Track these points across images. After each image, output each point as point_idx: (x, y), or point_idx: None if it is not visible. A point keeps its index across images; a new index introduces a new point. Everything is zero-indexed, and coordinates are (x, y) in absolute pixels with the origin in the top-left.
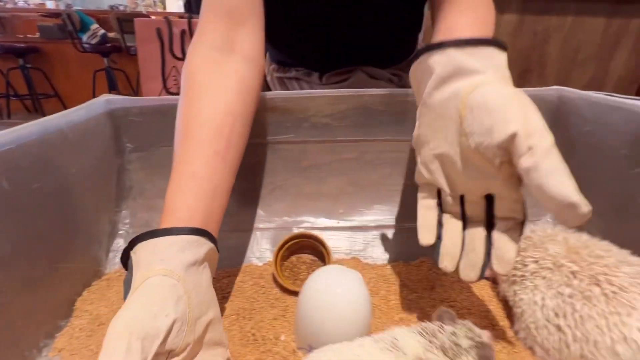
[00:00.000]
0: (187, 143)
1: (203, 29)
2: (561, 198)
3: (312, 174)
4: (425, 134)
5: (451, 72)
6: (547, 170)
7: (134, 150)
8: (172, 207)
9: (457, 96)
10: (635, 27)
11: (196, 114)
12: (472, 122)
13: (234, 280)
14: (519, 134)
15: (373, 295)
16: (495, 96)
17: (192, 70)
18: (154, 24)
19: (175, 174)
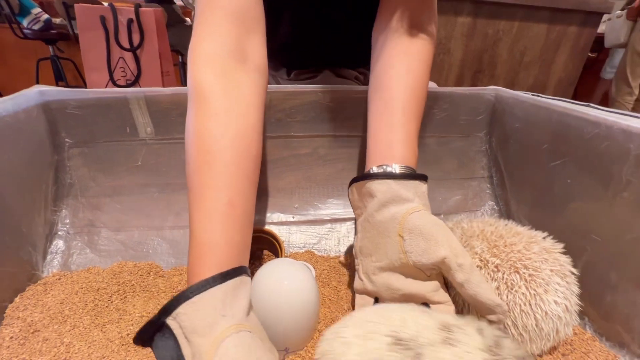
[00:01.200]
0: (212, 167)
1: (211, 31)
2: (491, 302)
3: (267, 170)
4: (368, 247)
5: (389, 199)
6: (476, 281)
7: (74, 145)
8: (211, 242)
9: (395, 219)
10: (572, 33)
11: (219, 134)
12: (410, 244)
13: (185, 279)
14: (449, 257)
15: (324, 286)
16: (424, 223)
17: (205, 80)
18: (98, 10)
19: (203, 202)
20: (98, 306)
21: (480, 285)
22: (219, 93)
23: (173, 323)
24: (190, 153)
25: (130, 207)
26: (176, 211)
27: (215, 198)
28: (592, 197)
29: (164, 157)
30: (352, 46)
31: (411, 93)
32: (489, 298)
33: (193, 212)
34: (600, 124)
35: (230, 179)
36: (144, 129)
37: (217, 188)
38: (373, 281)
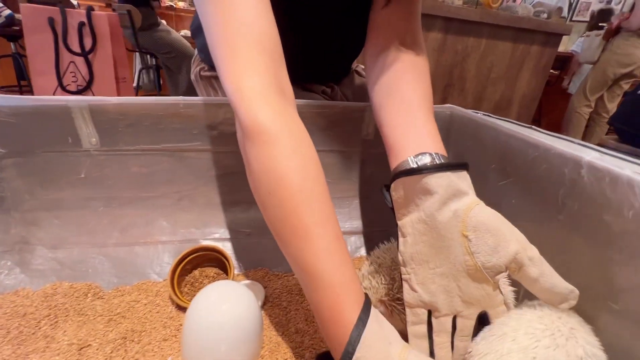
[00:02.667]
0: (310, 205)
1: (251, 67)
2: (566, 290)
3: (222, 184)
4: (425, 252)
5: (451, 195)
6: (550, 273)
7: (7, 155)
8: (342, 282)
9: (457, 217)
10: (535, 52)
11: (302, 170)
12: (476, 243)
13: (126, 300)
14: (520, 252)
15: (274, 307)
16: (488, 218)
17: (267, 118)
18: (46, 12)
19: (316, 242)
20: (22, 333)
21: (554, 276)
22: (285, 132)
23: (360, 355)
24: (275, 194)
25: (70, 222)
26: (122, 227)
27: (325, 235)
28: (533, 217)
29: (110, 169)
30: (322, 63)
31: (425, 96)
32: (565, 287)
33: (306, 254)
34: (540, 147)
35: (327, 213)
36: (88, 140)
37: (323, 225)
38: (432, 291)
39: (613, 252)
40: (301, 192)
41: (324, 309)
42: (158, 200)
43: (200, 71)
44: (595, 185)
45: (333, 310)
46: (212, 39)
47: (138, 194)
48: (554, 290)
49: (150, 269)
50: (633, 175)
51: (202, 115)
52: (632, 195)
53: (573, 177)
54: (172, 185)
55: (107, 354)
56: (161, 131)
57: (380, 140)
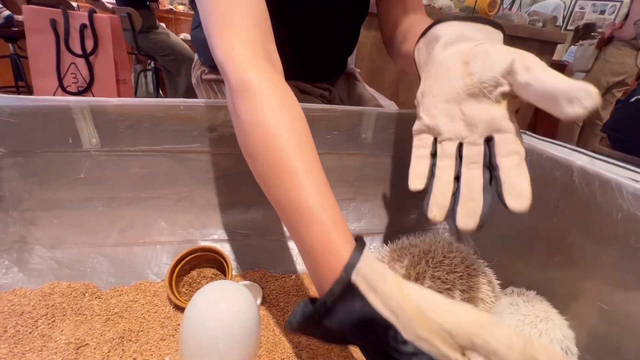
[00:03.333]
0: (300, 151)
1: (241, 37)
2: (568, 87)
3: (220, 185)
4: (430, 85)
5: (457, 37)
6: (546, 75)
7: (7, 155)
8: (335, 218)
9: (460, 52)
10: None
11: (294, 123)
12: (475, 64)
13: (124, 300)
14: (517, 60)
15: (272, 307)
16: (495, 48)
17: (253, 78)
18: (48, 13)
19: (308, 184)
20: (19, 332)
21: (552, 75)
22: (272, 89)
23: (358, 279)
24: (264, 143)
25: (69, 222)
26: (120, 227)
27: (314, 180)
28: (527, 221)
29: (110, 170)
30: (321, 59)
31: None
32: (567, 83)
33: (295, 193)
34: (533, 152)
35: (315, 163)
36: (89, 140)
37: (311, 171)
38: (433, 114)
39: (603, 254)
40: (289, 141)
41: (315, 242)
42: (157, 201)
43: (201, 74)
44: (586, 189)
45: (326, 243)
46: (205, 10)
47: (137, 194)
48: (555, 88)
49: (148, 269)
50: (621, 179)
51: (202, 117)
52: (621, 199)
53: (565, 181)
54: (172, 186)
55: (104, 353)
56: (161, 132)
57: (378, 144)
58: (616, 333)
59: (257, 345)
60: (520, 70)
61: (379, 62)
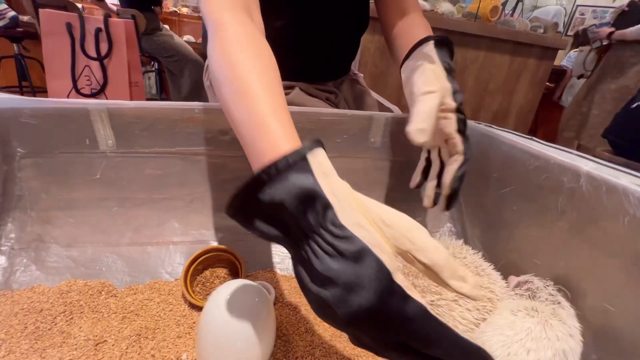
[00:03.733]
0: (264, 76)
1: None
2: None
3: (232, 187)
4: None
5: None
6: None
7: (26, 155)
8: (288, 124)
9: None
10: (532, 65)
11: (261, 59)
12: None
13: (139, 298)
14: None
15: (284, 307)
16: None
17: (226, 19)
18: (64, 17)
19: (265, 100)
20: (39, 329)
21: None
22: (242, 30)
23: (313, 160)
24: (230, 77)
25: (84, 221)
26: (135, 227)
27: (277, 100)
28: (534, 224)
29: (125, 171)
30: (321, 59)
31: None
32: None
33: (254, 108)
34: (541, 158)
35: (278, 94)
36: (105, 142)
37: (273, 93)
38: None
39: (609, 257)
40: (252, 67)
41: (266, 143)
42: (170, 202)
43: None
44: (593, 194)
45: (278, 142)
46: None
47: (151, 195)
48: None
49: (162, 269)
50: (628, 184)
51: (215, 120)
52: (627, 203)
53: (572, 186)
54: (184, 187)
55: (122, 349)
56: (175, 135)
57: (386, 148)
58: (621, 333)
59: (271, 344)
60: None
61: (382, 67)
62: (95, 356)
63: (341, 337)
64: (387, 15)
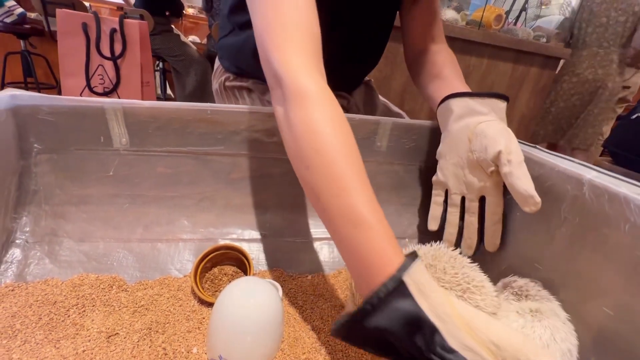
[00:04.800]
0: (354, 162)
1: (301, 49)
2: (526, 192)
3: (241, 187)
4: (445, 150)
5: (465, 112)
6: (517, 175)
7: (42, 151)
8: (387, 231)
9: (467, 127)
10: (534, 74)
11: (347, 136)
12: (475, 144)
13: (149, 293)
14: (503, 152)
15: (290, 305)
16: (490, 129)
17: (311, 87)
18: (80, 17)
19: (361, 192)
20: (53, 320)
21: (521, 179)
22: (328, 100)
23: (410, 281)
24: (321, 152)
25: (96, 217)
26: (145, 223)
27: (367, 192)
28: (537, 229)
29: (137, 169)
30: (342, 71)
31: (455, 70)
32: (525, 189)
33: (349, 200)
34: (545, 165)
35: (365, 176)
36: (119, 140)
37: (363, 180)
38: (445, 174)
39: (609, 263)
40: (342, 151)
41: (366, 247)
42: (180, 200)
43: (225, 81)
44: (595, 202)
45: (377, 248)
46: (264, 21)
47: (162, 193)
48: (515, 189)
49: (171, 265)
50: (629, 193)
51: (227, 121)
52: (628, 211)
53: (575, 193)
54: (195, 186)
55: (134, 342)
56: (188, 135)
57: (392, 152)
58: (620, 337)
59: (280, 339)
60: (503, 161)
61: (386, 72)
62: (108, 348)
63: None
64: (412, 35)
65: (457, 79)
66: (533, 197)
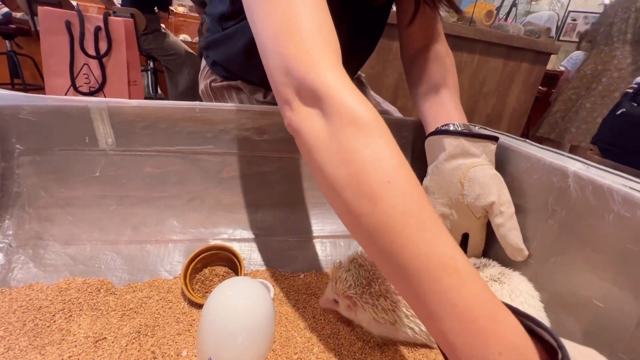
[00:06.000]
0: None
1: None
2: (516, 246)
3: (231, 186)
4: (433, 186)
5: (458, 152)
6: (508, 227)
7: (25, 153)
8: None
9: (460, 169)
10: (525, 69)
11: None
12: (468, 189)
13: (138, 296)
14: (496, 203)
15: (282, 304)
16: (483, 175)
17: (361, 107)
18: (63, 15)
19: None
20: (38, 326)
21: (512, 231)
22: (381, 123)
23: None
24: (396, 182)
25: (83, 219)
26: (133, 225)
27: (451, 244)
28: (527, 222)
29: (124, 169)
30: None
31: (451, 86)
32: (516, 243)
33: (440, 247)
34: (531, 158)
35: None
36: (105, 140)
37: (439, 219)
38: None
39: (597, 254)
40: (415, 183)
41: (472, 304)
42: (169, 200)
43: (211, 83)
44: (580, 193)
45: (486, 306)
46: (275, 26)
47: (150, 193)
48: (505, 240)
49: (160, 267)
50: (613, 184)
51: (216, 119)
52: (612, 202)
53: (561, 185)
54: (184, 186)
55: (122, 346)
56: (176, 134)
57: None
58: (610, 330)
59: (271, 340)
60: (495, 212)
61: (378, 69)
62: (95, 353)
63: (339, 335)
64: (410, 32)
65: (452, 101)
66: (522, 251)
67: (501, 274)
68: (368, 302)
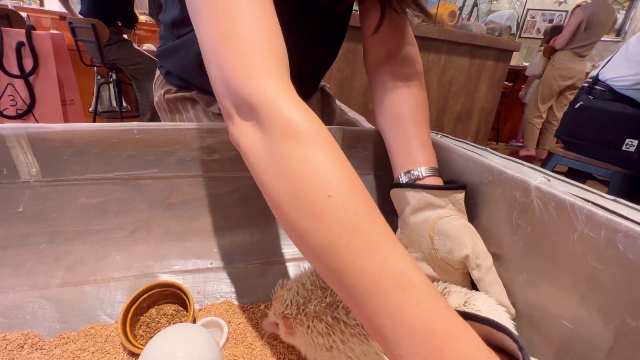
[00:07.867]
0: (375, 215)
1: (272, 72)
2: (499, 304)
3: (181, 212)
4: (405, 241)
5: (422, 205)
6: (489, 281)
7: None
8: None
9: (427, 222)
10: (490, 67)
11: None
12: (438, 243)
13: (71, 349)
14: (470, 256)
15: (238, 344)
16: (452, 227)
17: (301, 119)
18: None
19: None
20: None
21: (492, 286)
22: (325, 135)
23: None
24: (339, 196)
25: (5, 262)
26: (67, 264)
27: (396, 241)
28: (493, 238)
29: (53, 202)
30: (300, 74)
31: (417, 111)
32: (500, 301)
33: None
34: (494, 171)
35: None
36: (27, 170)
37: (391, 233)
38: None
39: (563, 273)
40: (363, 195)
41: (429, 319)
42: (110, 232)
43: (165, 94)
44: (544, 210)
45: (445, 320)
46: (216, 33)
47: (87, 227)
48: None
49: (100, 310)
50: (575, 200)
51: (159, 141)
52: (575, 220)
53: (524, 200)
54: (126, 215)
55: None
56: (113, 159)
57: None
58: (580, 352)
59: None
60: (472, 265)
61: (347, 72)
62: None
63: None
64: (374, 44)
65: (417, 136)
66: (508, 309)
67: (466, 303)
68: (303, 324)
